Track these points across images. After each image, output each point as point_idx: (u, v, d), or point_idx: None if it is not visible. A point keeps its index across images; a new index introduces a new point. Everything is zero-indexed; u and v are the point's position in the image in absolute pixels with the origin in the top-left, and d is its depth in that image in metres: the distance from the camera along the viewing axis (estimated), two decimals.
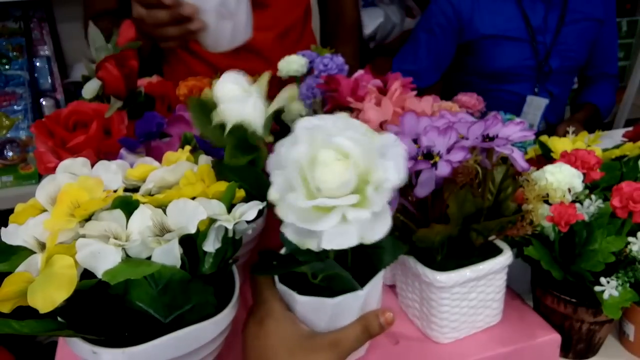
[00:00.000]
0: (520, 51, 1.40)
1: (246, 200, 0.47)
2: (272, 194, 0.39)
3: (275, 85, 0.93)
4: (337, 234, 0.37)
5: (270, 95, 0.89)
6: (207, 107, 0.44)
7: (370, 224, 0.38)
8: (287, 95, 0.45)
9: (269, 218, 0.65)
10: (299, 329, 0.45)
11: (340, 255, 0.45)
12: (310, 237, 0.39)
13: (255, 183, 0.50)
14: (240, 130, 0.42)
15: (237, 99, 0.41)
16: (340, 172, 0.37)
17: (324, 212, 0.38)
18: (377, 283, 0.47)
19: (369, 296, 0.46)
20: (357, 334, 0.45)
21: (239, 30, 0.82)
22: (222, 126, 0.43)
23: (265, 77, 0.46)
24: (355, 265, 0.46)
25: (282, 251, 0.50)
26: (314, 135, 0.38)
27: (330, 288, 0.45)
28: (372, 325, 0.46)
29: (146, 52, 0.81)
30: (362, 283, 0.46)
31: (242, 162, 0.42)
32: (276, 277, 0.48)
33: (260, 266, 0.48)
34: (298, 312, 0.46)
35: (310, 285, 0.46)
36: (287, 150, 0.39)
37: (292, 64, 0.83)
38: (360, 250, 0.44)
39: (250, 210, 0.44)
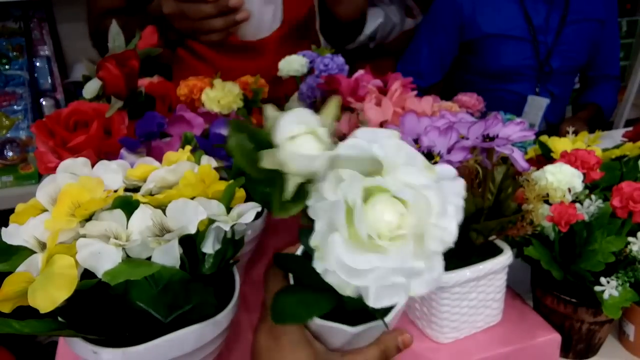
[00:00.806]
0: (522, 50, 1.40)
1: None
2: (314, 240, 0.34)
3: (275, 86, 0.93)
4: (385, 290, 0.33)
5: (271, 95, 0.89)
6: (256, 137, 0.36)
7: (421, 276, 0.34)
8: (360, 164, 0.35)
9: (269, 218, 0.66)
10: (315, 350, 0.42)
11: None
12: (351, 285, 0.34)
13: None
14: (302, 189, 0.36)
15: (307, 156, 0.34)
16: (396, 224, 0.32)
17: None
18: (400, 308, 0.44)
19: (391, 323, 0.43)
20: (375, 356, 0.43)
21: (277, 13, 0.80)
22: (272, 173, 0.35)
23: (334, 104, 0.37)
24: None
25: (299, 252, 0.46)
26: (364, 180, 0.33)
27: (351, 305, 0.40)
28: (390, 348, 0.44)
29: (167, 59, 0.81)
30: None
31: (293, 212, 0.35)
32: None
33: (280, 300, 0.41)
34: (312, 330, 0.43)
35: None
36: (331, 188, 0.33)
37: (293, 63, 0.83)
38: None
39: (248, 212, 0.44)
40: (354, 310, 0.41)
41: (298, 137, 0.34)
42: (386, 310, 0.42)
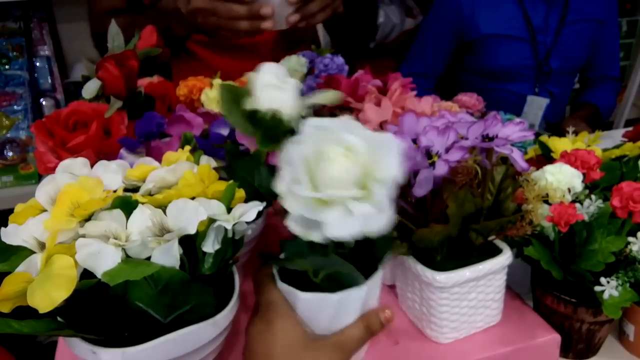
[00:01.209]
0: (521, 50, 1.41)
1: (251, 197, 0.47)
2: (280, 187, 0.41)
3: None
4: (340, 224, 0.39)
5: None
6: (239, 95, 0.45)
7: (373, 218, 0.39)
8: (329, 96, 0.48)
9: (269, 219, 0.66)
10: (305, 331, 0.45)
11: (339, 255, 0.45)
12: (315, 228, 0.40)
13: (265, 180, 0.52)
14: (275, 118, 0.44)
15: (276, 86, 0.43)
16: (346, 167, 0.39)
17: (329, 206, 0.39)
18: (377, 279, 0.47)
19: (370, 292, 0.47)
20: (360, 334, 0.46)
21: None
22: (252, 115, 0.44)
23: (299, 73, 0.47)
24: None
25: (281, 256, 0.50)
26: (320, 132, 0.40)
27: (331, 289, 0.45)
28: (373, 324, 0.46)
29: (167, 58, 0.82)
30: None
31: (274, 149, 0.43)
32: (277, 277, 0.48)
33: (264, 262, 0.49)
34: (300, 311, 0.46)
35: (311, 287, 0.46)
36: (295, 147, 0.40)
37: (293, 63, 0.83)
38: (357, 250, 0.46)
39: (250, 211, 0.44)
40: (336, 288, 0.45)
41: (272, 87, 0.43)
42: (365, 277, 0.46)
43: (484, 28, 1.40)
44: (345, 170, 0.39)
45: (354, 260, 0.46)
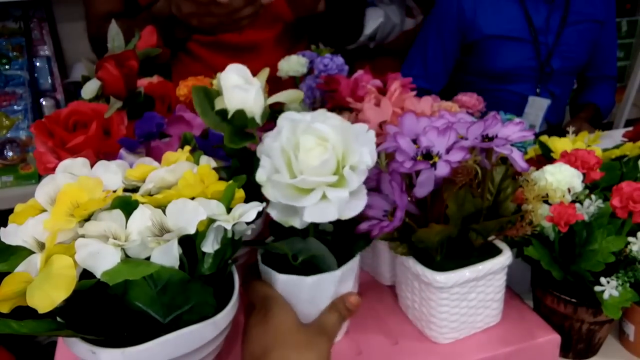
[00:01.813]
0: (522, 51, 1.40)
1: (253, 193, 0.48)
2: (260, 176, 0.44)
3: (275, 85, 0.93)
4: (318, 209, 0.42)
5: (269, 95, 0.89)
6: (210, 96, 0.49)
7: (348, 202, 0.42)
8: (290, 95, 0.52)
9: (268, 218, 0.65)
10: (298, 318, 0.49)
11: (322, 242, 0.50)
12: (294, 215, 0.44)
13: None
14: (240, 117, 0.47)
15: (240, 87, 0.46)
16: (320, 154, 0.42)
17: (306, 192, 0.42)
18: (352, 266, 0.52)
19: (343, 278, 0.51)
20: (335, 319, 0.51)
21: None
22: (222, 113, 0.48)
23: (265, 72, 0.52)
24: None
25: (268, 240, 0.54)
26: (295, 124, 0.43)
27: (309, 273, 0.50)
28: (342, 309, 0.51)
29: (166, 58, 0.83)
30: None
31: (240, 146, 0.47)
32: (260, 259, 0.52)
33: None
34: (279, 292, 0.50)
35: (292, 272, 0.50)
36: (272, 139, 0.44)
37: (292, 64, 0.83)
38: (339, 239, 0.51)
39: (249, 211, 0.44)
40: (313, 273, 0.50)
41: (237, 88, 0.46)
42: (339, 264, 0.50)
43: (486, 29, 1.40)
44: (319, 158, 0.41)
45: (336, 248, 0.50)
